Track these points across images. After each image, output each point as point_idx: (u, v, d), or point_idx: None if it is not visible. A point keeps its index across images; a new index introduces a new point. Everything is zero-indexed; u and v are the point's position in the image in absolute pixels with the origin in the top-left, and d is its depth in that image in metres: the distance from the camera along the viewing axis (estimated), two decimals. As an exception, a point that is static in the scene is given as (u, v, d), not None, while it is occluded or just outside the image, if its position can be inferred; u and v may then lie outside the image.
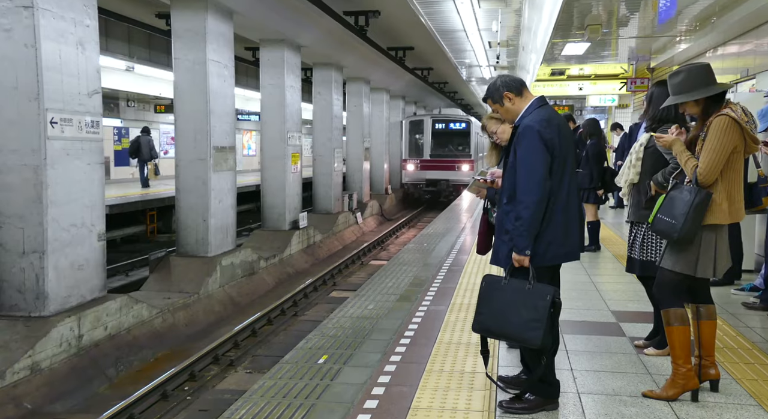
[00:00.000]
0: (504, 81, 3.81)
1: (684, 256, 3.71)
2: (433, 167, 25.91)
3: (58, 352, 6.95)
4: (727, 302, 6.09)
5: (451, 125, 26.50)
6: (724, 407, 3.73)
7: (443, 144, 26.45)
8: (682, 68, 3.80)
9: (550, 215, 3.57)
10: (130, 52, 18.13)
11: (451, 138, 26.55)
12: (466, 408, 3.75)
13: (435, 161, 26.03)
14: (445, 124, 26.46)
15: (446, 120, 26.66)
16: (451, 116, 27.46)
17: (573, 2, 9.62)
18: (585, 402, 3.83)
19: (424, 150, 26.22)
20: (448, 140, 26.52)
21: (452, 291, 6.74)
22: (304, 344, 5.01)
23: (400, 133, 27.19)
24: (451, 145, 26.49)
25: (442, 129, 26.41)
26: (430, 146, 26.18)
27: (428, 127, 26.28)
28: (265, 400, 3.91)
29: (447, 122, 26.53)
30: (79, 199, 7.54)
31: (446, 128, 26.45)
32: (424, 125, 26.41)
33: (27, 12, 6.86)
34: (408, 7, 13.98)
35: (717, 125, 3.61)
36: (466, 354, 4.70)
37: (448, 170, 25.70)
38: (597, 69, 19.22)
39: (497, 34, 16.87)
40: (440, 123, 26.44)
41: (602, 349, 4.84)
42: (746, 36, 10.61)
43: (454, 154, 26.18)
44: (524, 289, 3.52)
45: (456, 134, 26.50)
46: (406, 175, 26.39)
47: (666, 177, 4.21)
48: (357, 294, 6.63)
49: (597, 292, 6.69)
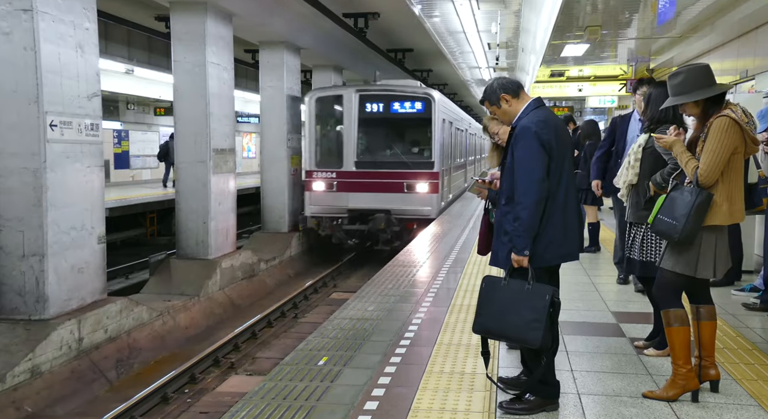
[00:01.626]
0: (501, 83, 3.82)
1: (684, 257, 3.71)
2: (362, 186, 13.96)
3: (58, 355, 6.94)
4: (727, 302, 6.08)
5: (395, 106, 14.26)
6: (724, 407, 3.73)
7: (381, 142, 14.81)
8: (681, 69, 3.80)
9: (548, 216, 3.57)
10: (129, 55, 18.13)
11: (397, 130, 14.91)
12: (467, 409, 3.75)
13: (365, 174, 14.02)
14: (385, 103, 14.20)
15: (387, 95, 14.20)
16: (396, 89, 14.38)
17: (572, 3, 9.62)
18: (585, 402, 3.83)
19: (345, 154, 14.11)
20: (390, 133, 14.84)
21: (452, 293, 6.73)
22: (305, 346, 5.01)
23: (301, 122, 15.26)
24: (396, 143, 14.77)
25: (377, 114, 14.21)
26: (356, 146, 14.11)
27: (352, 108, 14.10)
28: (265, 402, 3.91)
29: (388, 100, 14.18)
30: (78, 202, 7.55)
31: (386, 110, 14.27)
32: (344, 106, 14.19)
33: (26, 15, 6.87)
34: (407, 9, 13.98)
35: (717, 126, 3.61)
36: (466, 355, 4.70)
37: (389, 191, 13.86)
38: (596, 70, 19.22)
39: (496, 35, 16.88)
40: (375, 101, 14.17)
41: (602, 350, 4.83)
42: (745, 37, 10.61)
43: (401, 161, 14.16)
44: (524, 290, 3.52)
45: (406, 122, 14.61)
46: (311, 201, 14.22)
47: (665, 178, 4.22)
48: (357, 296, 6.63)
49: (597, 293, 6.69)
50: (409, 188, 13.86)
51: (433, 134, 14.12)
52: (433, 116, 14.03)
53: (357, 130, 14.07)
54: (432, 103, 14.09)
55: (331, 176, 14.15)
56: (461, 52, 20.71)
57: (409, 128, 14.95)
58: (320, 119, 14.78)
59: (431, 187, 13.92)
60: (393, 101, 14.12)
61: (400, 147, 14.72)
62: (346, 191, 13.99)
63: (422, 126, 14.35)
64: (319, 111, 14.61)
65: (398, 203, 13.80)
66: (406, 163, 14.09)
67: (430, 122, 14.05)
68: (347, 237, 14.40)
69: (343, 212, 14.05)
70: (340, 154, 14.20)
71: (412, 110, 14.22)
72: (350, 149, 14.06)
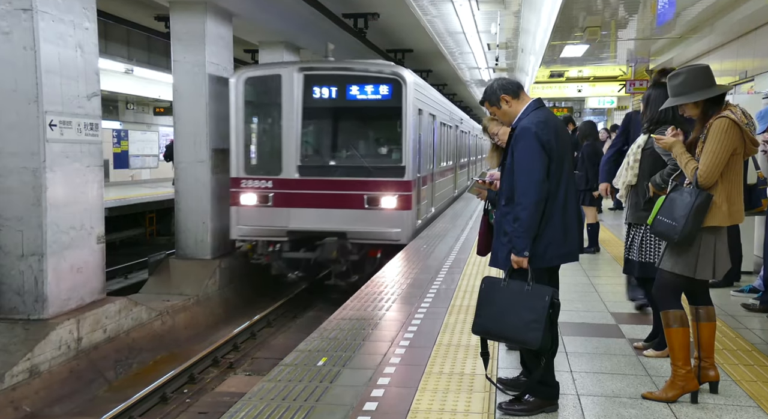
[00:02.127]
0: (501, 84, 3.82)
1: (683, 258, 3.71)
2: (308, 200, 10.52)
3: (57, 355, 6.94)
4: (726, 303, 6.08)
5: (353, 91, 10.62)
6: (723, 408, 3.73)
7: (334, 140, 11.31)
8: (681, 70, 3.80)
9: (548, 217, 3.57)
10: (129, 55, 18.14)
11: (356, 124, 11.39)
12: (466, 410, 3.75)
13: (312, 184, 10.59)
14: (339, 86, 10.62)
15: (341, 76, 10.64)
16: (353, 68, 10.80)
17: (572, 4, 9.63)
18: (584, 403, 3.83)
19: (285, 156, 10.61)
20: (346, 128, 11.35)
21: (452, 293, 6.73)
22: (304, 346, 5.01)
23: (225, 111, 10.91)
24: (354, 142, 11.32)
25: (329, 101, 10.71)
26: (300, 146, 10.63)
27: (294, 94, 10.55)
28: (264, 402, 3.90)
29: (343, 82, 10.60)
30: (78, 202, 7.54)
31: (341, 96, 10.67)
32: (283, 91, 10.61)
33: (26, 15, 6.87)
34: (407, 10, 13.99)
35: (717, 127, 3.61)
36: (465, 356, 4.70)
37: (345, 207, 10.44)
38: (596, 71, 19.25)
39: (496, 36, 16.89)
40: (325, 84, 10.62)
41: (601, 351, 4.83)
42: (745, 38, 10.62)
43: (361, 166, 10.66)
44: (523, 290, 3.51)
45: (368, 112, 11.00)
46: (239, 219, 10.74)
47: (664, 179, 4.22)
48: (356, 297, 6.62)
49: (596, 294, 6.69)
50: (371, 203, 10.22)
51: (405, 129, 10.31)
52: (405, 105, 10.24)
53: (301, 123, 10.39)
54: (403, 87, 10.22)
55: (265, 187, 10.47)
56: (461, 52, 20.72)
57: (372, 121, 11.19)
58: (251, 109, 10.94)
59: (402, 201, 10.23)
60: (350, 84, 10.37)
61: (359, 147, 11.03)
62: (286, 207, 10.36)
63: (390, 118, 10.64)
64: (249, 97, 10.74)
65: (357, 223, 10.19)
66: (367, 169, 10.37)
67: (401, 112, 10.25)
68: (288, 268, 10.67)
69: (281, 235, 10.37)
70: (278, 156, 10.50)
71: (376, 97, 10.34)
72: (291, 149, 10.36)
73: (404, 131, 10.40)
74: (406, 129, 10.39)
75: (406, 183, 10.42)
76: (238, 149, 10.71)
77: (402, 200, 10.33)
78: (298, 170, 10.44)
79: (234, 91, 10.65)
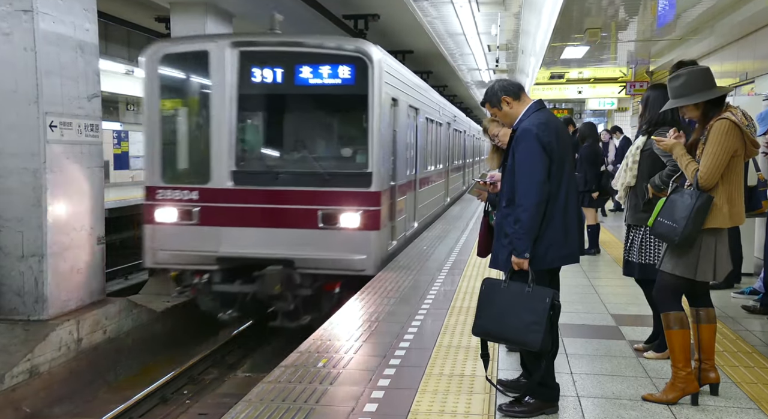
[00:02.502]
0: (502, 85, 3.82)
1: (684, 259, 3.71)
2: (244, 216, 7.96)
3: (57, 356, 6.93)
4: (726, 305, 6.08)
5: (304, 74, 7.97)
6: (724, 410, 3.72)
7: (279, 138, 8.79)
8: (681, 72, 3.80)
9: (549, 218, 3.57)
10: (129, 56, 18.15)
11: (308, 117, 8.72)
12: (466, 412, 3.75)
13: (249, 196, 8.00)
14: (286, 67, 7.99)
15: (288, 54, 8.04)
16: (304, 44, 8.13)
17: (572, 6, 9.63)
18: (585, 405, 3.83)
19: (214, 159, 8.01)
20: (295, 122, 8.76)
21: (451, 295, 6.73)
22: (304, 347, 5.01)
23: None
24: (305, 140, 8.65)
25: (272, 87, 8.11)
26: (234, 146, 8.02)
27: (226, 77, 7.92)
28: (264, 404, 3.90)
29: (291, 62, 7.97)
30: (78, 202, 7.54)
31: (288, 81, 8.03)
32: (212, 73, 8.01)
33: (26, 16, 6.87)
34: (407, 11, 13.99)
35: (718, 129, 3.61)
36: (465, 358, 4.70)
37: (293, 226, 7.90)
38: (596, 72, 19.26)
39: (496, 37, 16.88)
40: (267, 65, 7.99)
41: (602, 352, 4.83)
42: (745, 40, 10.63)
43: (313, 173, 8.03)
44: (524, 292, 3.51)
45: (323, 102, 8.41)
46: (154, 242, 8.22)
47: (663, 180, 4.22)
48: (357, 298, 6.62)
49: (596, 295, 6.69)
50: (327, 221, 7.74)
51: (372, 124, 7.87)
52: (372, 92, 7.82)
53: (236, 116, 7.88)
54: (369, 68, 7.76)
55: (189, 199, 7.96)
56: (461, 54, 20.71)
57: (329, 114, 8.70)
58: (170, 96, 8.55)
59: (367, 218, 7.76)
60: (300, 65, 7.83)
61: (312, 148, 8.46)
62: (216, 225, 7.86)
63: (352, 109, 8.38)
64: (167, 81, 8.38)
65: (308, 248, 7.72)
66: (322, 176, 7.80)
67: (367, 102, 7.85)
68: (219, 305, 8.16)
69: (210, 263, 7.86)
70: (206, 159, 7.97)
71: (334, 81, 7.85)
72: (223, 150, 7.82)
73: (371, 126, 7.89)
74: (373, 124, 7.88)
75: (373, 195, 7.83)
76: (151, 150, 8.19)
77: (368, 218, 7.75)
78: (233, 177, 7.84)
79: (146, 73, 8.22)
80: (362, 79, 7.87)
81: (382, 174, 8.07)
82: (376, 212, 7.90)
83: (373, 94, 7.89)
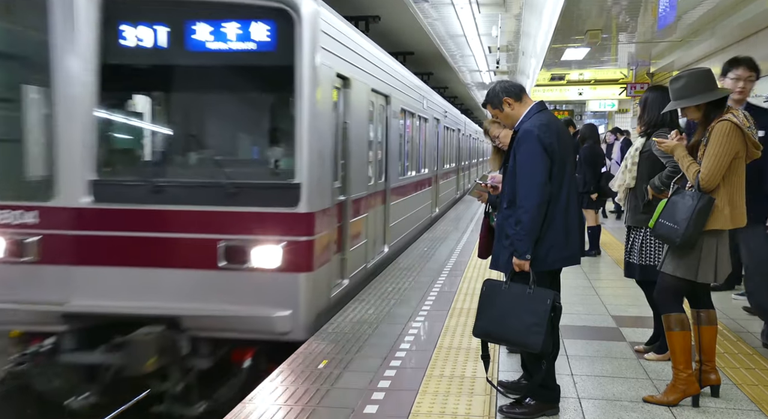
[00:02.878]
0: (503, 86, 3.83)
1: (685, 261, 3.71)
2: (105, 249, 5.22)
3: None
4: (727, 307, 6.08)
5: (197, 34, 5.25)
6: (724, 412, 3.72)
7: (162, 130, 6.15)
8: (683, 73, 3.81)
9: (550, 220, 3.57)
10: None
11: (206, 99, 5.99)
12: (467, 413, 3.75)
13: (113, 219, 5.22)
14: (172, 25, 5.26)
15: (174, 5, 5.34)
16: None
17: (573, 7, 9.64)
18: (585, 407, 3.83)
19: (64, 161, 5.20)
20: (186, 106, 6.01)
21: (452, 296, 6.73)
22: (304, 348, 5.00)
23: None
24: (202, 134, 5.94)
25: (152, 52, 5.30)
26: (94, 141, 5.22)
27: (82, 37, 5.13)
28: (265, 405, 3.90)
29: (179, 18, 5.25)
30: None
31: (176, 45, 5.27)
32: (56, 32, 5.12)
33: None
34: (408, 13, 14.00)
35: (719, 131, 3.62)
36: (466, 359, 4.69)
37: (179, 265, 5.21)
38: (597, 74, 19.27)
39: (497, 39, 16.89)
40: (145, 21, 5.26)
41: (602, 354, 4.83)
42: (746, 41, 10.63)
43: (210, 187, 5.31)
44: (525, 294, 3.51)
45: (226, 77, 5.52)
46: None
47: (663, 181, 4.23)
48: (357, 299, 6.62)
49: (597, 297, 6.69)
50: (232, 258, 5.29)
51: (301, 111, 5.34)
52: (301, 61, 5.31)
53: (96, 98, 5.33)
54: (297, 26, 5.29)
55: (21, 224, 5.39)
56: (462, 55, 20.73)
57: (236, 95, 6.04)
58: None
59: (293, 253, 5.27)
60: (192, 21, 5.38)
61: (212, 146, 5.98)
62: (63, 264, 5.32)
63: (271, 89, 5.87)
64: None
65: (203, 299, 5.28)
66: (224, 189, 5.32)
67: (292, 77, 5.33)
68: (69, 385, 5.30)
69: (53, 321, 5.23)
70: (49, 164, 5.43)
71: (244, 46, 5.37)
72: (75, 149, 5.30)
73: (300, 113, 5.27)
74: (303, 110, 5.27)
75: (302, 218, 5.25)
76: None
77: (294, 252, 5.20)
78: (91, 191, 5.24)
79: None
80: (286, 43, 5.22)
81: (318, 186, 5.39)
82: (307, 245, 5.24)
83: (302, 64, 5.21)
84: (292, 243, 5.20)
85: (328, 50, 5.77)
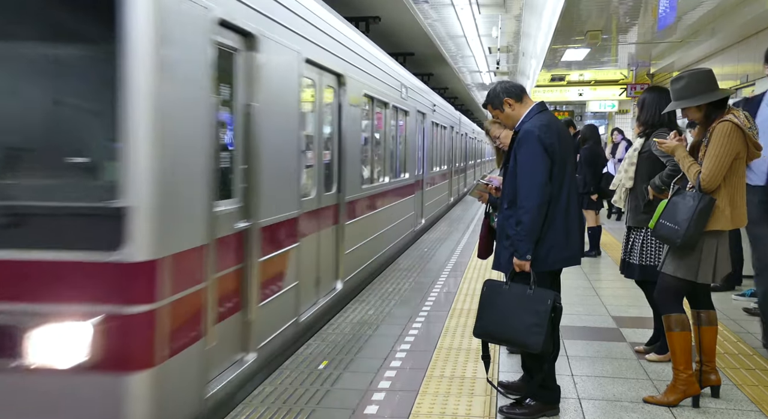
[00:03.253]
0: (504, 87, 3.83)
1: (686, 262, 3.71)
2: None
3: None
4: (727, 307, 6.08)
5: None
6: (725, 413, 3.72)
7: None
8: (683, 74, 3.81)
9: (550, 220, 3.57)
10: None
11: None
12: (467, 414, 3.74)
13: None
14: None
15: None
16: None
17: (573, 8, 9.64)
18: (586, 407, 3.83)
19: None
20: None
21: (453, 296, 6.73)
22: (305, 349, 5.00)
23: None
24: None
25: None
26: None
27: None
28: (265, 406, 3.90)
29: None
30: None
31: None
32: None
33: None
34: (408, 13, 14.01)
35: (720, 131, 3.62)
36: (466, 360, 4.69)
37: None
38: (597, 75, 19.27)
39: (497, 39, 16.90)
40: None
41: (603, 354, 4.83)
42: (746, 42, 10.63)
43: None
44: (525, 294, 3.51)
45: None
46: None
47: (664, 180, 4.23)
48: (357, 299, 6.62)
49: (597, 297, 6.69)
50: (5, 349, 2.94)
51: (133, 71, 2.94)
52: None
53: None
54: None
55: None
56: (462, 56, 20.74)
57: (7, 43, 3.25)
58: None
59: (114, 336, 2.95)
60: None
61: None
62: None
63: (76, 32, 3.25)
64: None
65: None
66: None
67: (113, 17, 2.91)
68: None
69: None
70: None
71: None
72: None
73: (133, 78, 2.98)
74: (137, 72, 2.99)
75: (133, 271, 3.01)
76: None
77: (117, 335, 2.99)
78: None
79: None
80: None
81: (171, 210, 3.23)
82: (145, 319, 3.05)
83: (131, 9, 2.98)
84: (113, 319, 2.96)
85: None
